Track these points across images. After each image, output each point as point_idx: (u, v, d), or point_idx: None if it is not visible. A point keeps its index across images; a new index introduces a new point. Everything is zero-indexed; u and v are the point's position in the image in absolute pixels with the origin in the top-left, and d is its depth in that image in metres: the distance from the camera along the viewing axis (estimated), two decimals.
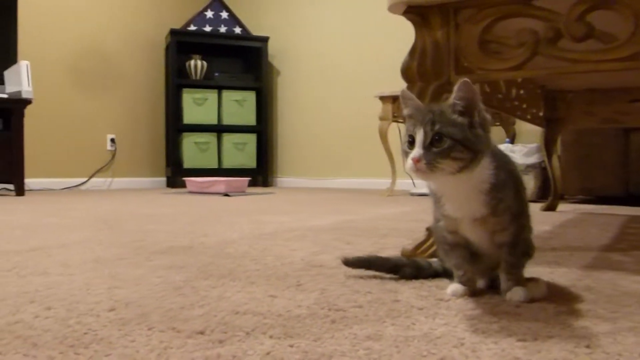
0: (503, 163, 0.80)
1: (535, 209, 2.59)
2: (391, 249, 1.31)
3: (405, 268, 0.98)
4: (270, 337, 0.65)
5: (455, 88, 0.75)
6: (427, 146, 0.74)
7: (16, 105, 3.50)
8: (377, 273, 1.00)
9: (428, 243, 1.20)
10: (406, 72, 1.20)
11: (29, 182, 4.14)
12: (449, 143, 0.73)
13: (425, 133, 0.74)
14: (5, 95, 3.51)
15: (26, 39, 4.12)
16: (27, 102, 3.52)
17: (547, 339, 0.64)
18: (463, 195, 0.79)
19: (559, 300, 0.83)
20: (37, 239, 1.50)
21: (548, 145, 2.48)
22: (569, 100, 2.36)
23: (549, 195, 2.58)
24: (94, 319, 0.73)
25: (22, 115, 3.53)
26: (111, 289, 0.91)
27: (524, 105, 1.99)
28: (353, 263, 1.01)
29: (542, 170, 3.10)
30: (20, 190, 3.54)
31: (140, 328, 0.69)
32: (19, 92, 3.48)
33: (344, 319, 0.73)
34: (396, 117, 3.68)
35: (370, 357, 0.59)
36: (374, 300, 0.83)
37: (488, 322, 0.71)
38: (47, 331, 0.68)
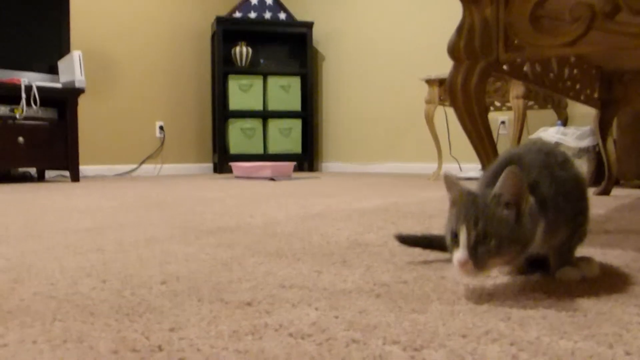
0: (558, 191, 0.75)
1: (588, 193, 2.51)
2: (437, 230, 1.30)
3: None
4: (316, 309, 0.67)
5: (502, 177, 0.69)
6: (473, 246, 0.68)
7: (70, 95, 3.63)
8: (422, 252, 0.99)
9: None
10: (453, 51, 1.18)
11: (84, 169, 4.31)
12: (495, 242, 0.67)
13: (469, 232, 0.68)
14: (59, 85, 3.66)
15: (78, 30, 4.26)
16: (80, 91, 3.65)
17: (599, 315, 0.63)
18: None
19: (612, 280, 0.80)
20: (92, 220, 1.57)
21: (603, 128, 2.39)
22: (626, 81, 2.27)
23: (602, 179, 2.49)
24: (147, 291, 0.76)
25: (75, 105, 3.67)
26: (162, 264, 0.94)
27: (578, 86, 1.92)
28: (406, 240, 0.97)
29: (596, 154, 3.00)
30: (75, 177, 3.69)
31: (191, 299, 0.71)
32: (72, 82, 3.61)
33: (389, 293, 0.73)
34: (442, 101, 3.63)
35: (415, 328, 0.59)
36: (419, 276, 0.83)
37: (536, 299, 0.70)
38: (104, 301, 0.71)
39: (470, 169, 4.00)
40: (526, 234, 0.69)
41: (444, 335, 0.56)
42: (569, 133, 3.12)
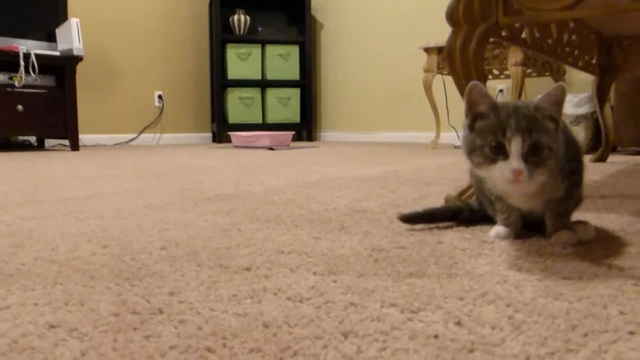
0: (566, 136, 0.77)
1: (585, 159, 2.51)
2: (434, 197, 1.30)
3: (463, 212, 0.96)
4: (314, 273, 0.67)
5: (550, 91, 0.71)
6: (525, 156, 0.70)
7: (68, 63, 3.60)
8: None
9: (471, 190, 1.19)
10: (452, 16, 1.17)
11: (83, 137, 4.30)
12: (546, 153, 0.70)
13: (524, 142, 0.69)
14: (57, 53, 3.62)
15: None
16: (78, 59, 3.61)
17: (594, 277, 0.63)
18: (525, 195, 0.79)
19: (607, 243, 0.81)
20: (92, 188, 1.57)
21: (601, 94, 2.38)
22: (625, 47, 2.24)
23: (600, 146, 2.49)
24: (147, 256, 0.76)
25: (74, 72, 3.63)
26: (162, 231, 0.94)
27: (576, 52, 1.90)
28: (412, 219, 0.93)
29: (593, 121, 2.99)
30: (75, 146, 3.68)
31: (190, 264, 0.72)
32: (70, 50, 3.57)
33: (387, 258, 0.74)
34: (441, 69, 3.59)
35: (412, 291, 0.59)
36: (417, 242, 0.84)
37: (533, 262, 0.70)
38: (104, 266, 0.72)
39: None
40: (561, 150, 0.72)
41: (440, 297, 0.57)
42: (567, 100, 3.10)
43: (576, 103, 3.06)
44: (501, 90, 4.12)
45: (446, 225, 0.96)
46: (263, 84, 5.03)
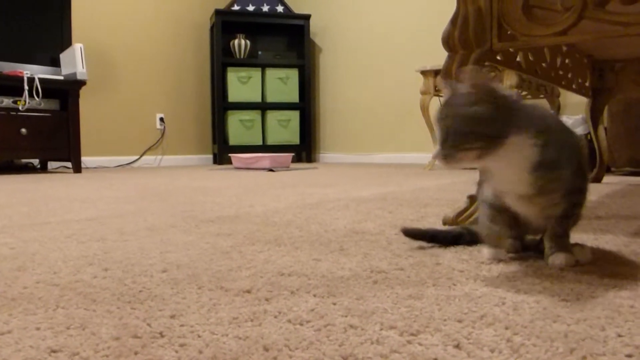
0: (556, 139, 0.76)
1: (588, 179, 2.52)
2: (432, 217, 1.31)
3: (464, 236, 0.97)
4: (315, 295, 0.68)
5: (468, 77, 0.74)
6: (444, 141, 0.75)
7: (71, 87, 3.64)
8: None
9: (469, 211, 1.20)
10: (448, 41, 1.19)
11: (85, 160, 4.32)
12: (458, 137, 0.74)
13: (441, 129, 0.76)
14: (61, 77, 3.66)
15: (80, 23, 4.26)
16: (82, 83, 3.65)
17: (591, 299, 0.64)
18: (506, 174, 0.78)
19: (604, 265, 0.82)
20: (94, 210, 1.58)
21: (594, 116, 2.40)
22: (617, 70, 2.27)
23: (594, 167, 2.50)
24: (148, 279, 0.77)
25: (77, 96, 3.67)
26: (163, 253, 0.95)
27: (569, 75, 1.93)
28: (413, 234, 0.98)
29: (587, 142, 3.01)
30: (77, 168, 3.70)
31: (191, 287, 0.72)
32: (74, 74, 3.62)
33: (386, 280, 0.75)
34: (438, 92, 3.63)
35: (412, 313, 0.60)
36: (415, 263, 0.84)
37: (530, 284, 0.71)
38: (105, 289, 0.72)
39: None
40: (492, 129, 0.73)
41: (439, 320, 0.58)
42: None
43: (571, 125, 3.09)
44: None
45: (442, 246, 0.97)
46: (263, 107, 5.07)
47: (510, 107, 0.75)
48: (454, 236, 0.98)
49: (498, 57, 1.30)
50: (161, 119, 4.98)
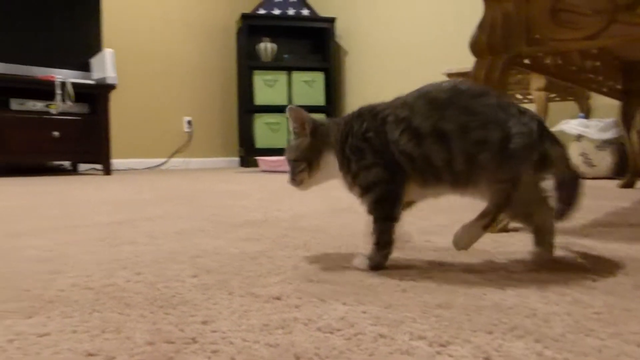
0: (343, 140, 0.91)
1: (611, 185, 2.47)
2: (460, 224, 1.30)
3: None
4: (344, 303, 0.68)
5: (288, 115, 0.94)
6: (292, 168, 0.96)
7: (102, 91, 3.72)
8: (449, 247, 1.00)
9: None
10: (475, 46, 1.18)
11: (115, 162, 4.40)
12: (294, 163, 0.95)
13: (289, 159, 0.97)
14: (92, 82, 3.74)
15: (110, 28, 4.34)
16: (112, 87, 3.73)
17: (624, 312, 0.63)
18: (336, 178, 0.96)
19: (638, 275, 0.80)
20: (125, 213, 1.61)
21: (626, 119, 2.35)
22: None
23: (627, 172, 2.45)
24: (180, 284, 0.78)
25: (107, 100, 3.75)
26: (193, 257, 0.97)
27: (600, 78, 1.89)
28: None
29: (619, 146, 2.95)
30: (107, 170, 3.78)
31: (222, 293, 0.74)
32: (104, 79, 3.69)
33: (415, 288, 0.75)
34: None
35: (441, 323, 0.60)
36: (444, 271, 0.84)
37: (560, 294, 0.70)
38: (138, 293, 0.74)
39: None
40: (306, 153, 0.94)
41: (469, 331, 0.58)
42: (592, 125, 3.07)
43: (602, 128, 3.03)
44: None
45: (473, 253, 0.96)
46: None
47: (321, 131, 0.93)
48: None
49: (526, 62, 1.29)
50: (188, 122, 5.04)
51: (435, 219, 1.43)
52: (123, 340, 0.56)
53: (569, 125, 3.18)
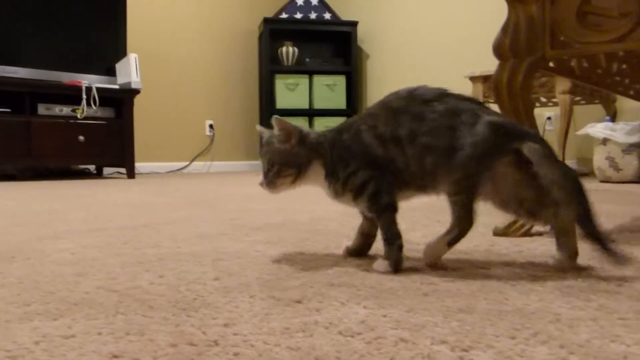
0: (331, 151, 0.94)
1: (638, 190, 2.42)
2: (481, 227, 1.29)
3: None
4: (365, 307, 0.68)
5: (273, 125, 0.95)
6: (266, 172, 0.96)
7: (126, 95, 3.77)
8: (468, 252, 0.99)
9: (520, 222, 1.17)
10: (498, 49, 1.17)
11: (138, 166, 4.46)
12: (277, 167, 0.95)
13: (263, 163, 0.97)
14: (116, 86, 3.80)
15: (134, 34, 4.41)
16: (136, 92, 3.79)
17: None
18: (322, 188, 0.98)
19: None
20: (148, 216, 1.63)
21: None
22: None
23: None
24: (202, 287, 0.79)
25: (131, 105, 3.81)
26: (215, 260, 0.97)
27: (627, 81, 1.86)
28: None
29: None
30: (131, 174, 3.83)
31: (243, 296, 0.74)
32: (129, 83, 3.75)
33: (436, 292, 0.74)
34: (487, 97, 3.57)
35: (462, 328, 0.59)
36: (465, 275, 0.83)
37: (585, 300, 0.69)
38: (161, 296, 0.75)
39: None
40: (299, 160, 0.95)
41: (492, 336, 0.57)
42: (618, 128, 3.01)
43: (628, 131, 2.97)
44: (549, 118, 4.04)
45: (494, 257, 0.95)
46: (311, 113, 5.10)
47: (310, 141, 0.96)
48: None
49: (551, 65, 1.28)
50: (210, 126, 5.09)
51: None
52: (146, 343, 0.57)
53: (594, 128, 3.13)
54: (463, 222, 0.85)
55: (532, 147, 0.82)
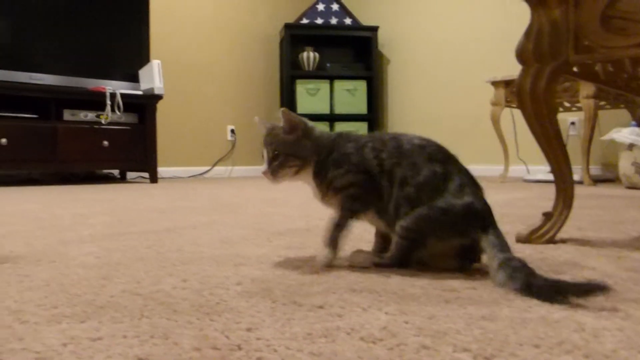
0: (327, 152, 0.98)
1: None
2: (505, 234, 1.27)
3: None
4: (386, 313, 0.68)
5: (281, 116, 0.97)
6: (270, 161, 0.98)
7: (149, 101, 3.83)
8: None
9: (544, 229, 1.16)
10: (521, 54, 1.17)
11: (161, 170, 4.52)
12: (282, 157, 0.97)
13: (267, 152, 0.99)
14: (140, 92, 3.86)
15: (157, 40, 4.48)
16: (159, 97, 3.84)
17: None
18: (310, 185, 1.01)
19: None
20: (171, 220, 1.65)
21: None
22: None
23: None
24: (224, 291, 0.80)
25: (154, 110, 3.86)
26: (237, 265, 0.98)
27: None
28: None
29: None
30: (153, 178, 3.88)
31: (265, 301, 0.75)
32: (152, 89, 3.80)
33: (458, 299, 0.74)
34: (509, 102, 3.53)
35: (485, 336, 0.59)
36: (488, 283, 0.83)
37: (612, 310, 0.68)
38: (185, 300, 0.76)
39: (538, 171, 3.86)
40: (304, 152, 0.98)
41: (515, 344, 0.57)
42: None
43: None
44: (573, 123, 3.99)
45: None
46: (331, 118, 5.11)
47: (314, 136, 0.99)
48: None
49: (574, 69, 1.26)
50: (232, 131, 5.13)
51: None
52: (171, 346, 0.58)
53: (620, 134, 3.08)
54: (395, 261, 0.93)
55: (490, 240, 0.86)
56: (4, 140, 3.31)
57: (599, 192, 2.66)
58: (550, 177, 1.24)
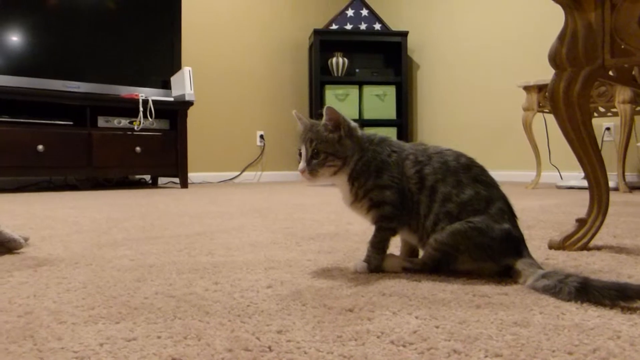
0: (368, 157, 0.96)
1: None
2: (537, 240, 1.26)
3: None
4: (416, 317, 0.68)
5: (324, 113, 0.95)
6: (309, 159, 0.96)
7: (180, 107, 3.89)
8: None
9: (577, 235, 1.14)
10: (555, 59, 1.15)
11: (192, 175, 4.59)
12: (323, 156, 0.95)
13: (307, 149, 0.96)
14: (171, 99, 3.93)
15: (188, 48, 4.55)
16: (190, 104, 3.90)
17: None
18: (340, 187, 0.99)
19: None
20: (202, 225, 1.67)
21: None
22: None
23: None
24: (255, 294, 0.81)
25: (185, 116, 3.92)
26: (267, 269, 0.99)
27: None
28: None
29: None
30: (184, 183, 3.94)
31: (295, 304, 0.75)
32: (183, 96, 3.87)
33: (489, 304, 0.73)
34: (542, 107, 3.48)
35: (517, 342, 0.59)
36: (520, 289, 0.82)
37: None
38: (217, 302, 0.77)
39: (571, 177, 3.78)
40: (345, 152, 0.96)
41: (548, 351, 0.56)
42: None
43: None
44: (608, 129, 3.90)
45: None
46: (360, 124, 5.07)
47: (356, 136, 0.98)
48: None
49: (610, 73, 1.24)
50: (261, 136, 5.18)
51: None
52: (204, 347, 0.59)
53: None
54: (425, 268, 0.93)
55: (527, 261, 0.87)
56: (40, 147, 3.40)
57: (635, 200, 2.59)
58: (584, 183, 1.22)
